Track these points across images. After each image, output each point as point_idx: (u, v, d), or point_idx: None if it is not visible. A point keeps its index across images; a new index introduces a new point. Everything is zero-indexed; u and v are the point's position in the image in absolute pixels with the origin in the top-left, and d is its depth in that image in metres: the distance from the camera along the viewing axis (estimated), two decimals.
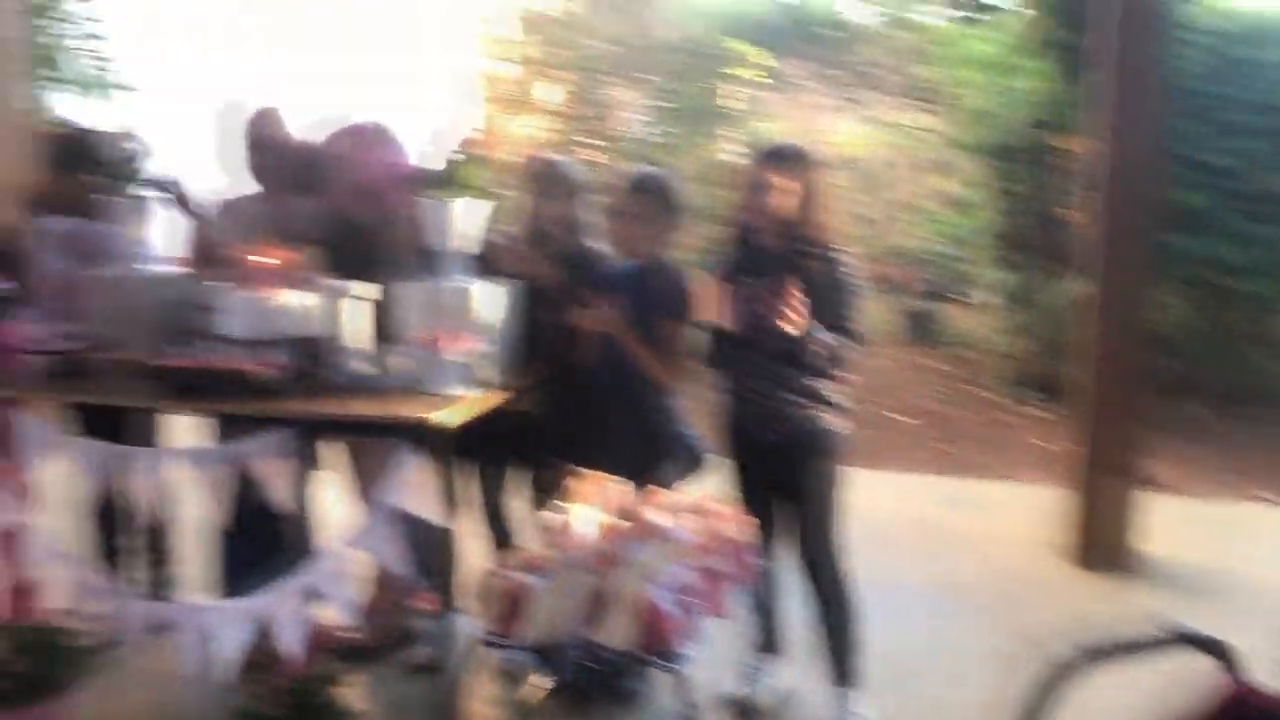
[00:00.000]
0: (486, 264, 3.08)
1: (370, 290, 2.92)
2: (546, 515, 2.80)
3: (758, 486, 3.10)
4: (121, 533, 3.54)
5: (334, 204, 3.31)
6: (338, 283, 2.90)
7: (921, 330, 8.73)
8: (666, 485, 2.97)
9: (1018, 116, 6.75)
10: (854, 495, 3.11)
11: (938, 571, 4.35)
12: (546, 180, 3.30)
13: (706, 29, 7.57)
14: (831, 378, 3.00)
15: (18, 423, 2.88)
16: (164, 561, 3.69)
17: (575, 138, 7.44)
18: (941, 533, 4.86)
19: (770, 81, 7.79)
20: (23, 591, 3.19)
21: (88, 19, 6.08)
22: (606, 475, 2.82)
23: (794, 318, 2.78)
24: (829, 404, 3.01)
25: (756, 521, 2.90)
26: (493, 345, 2.96)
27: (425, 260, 3.00)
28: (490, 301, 2.97)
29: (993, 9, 7.84)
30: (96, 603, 2.97)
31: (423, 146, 3.18)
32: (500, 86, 7.64)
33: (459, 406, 2.72)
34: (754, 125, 7.76)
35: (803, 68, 8.25)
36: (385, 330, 2.93)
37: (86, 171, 3.25)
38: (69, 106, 5.98)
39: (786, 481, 3.05)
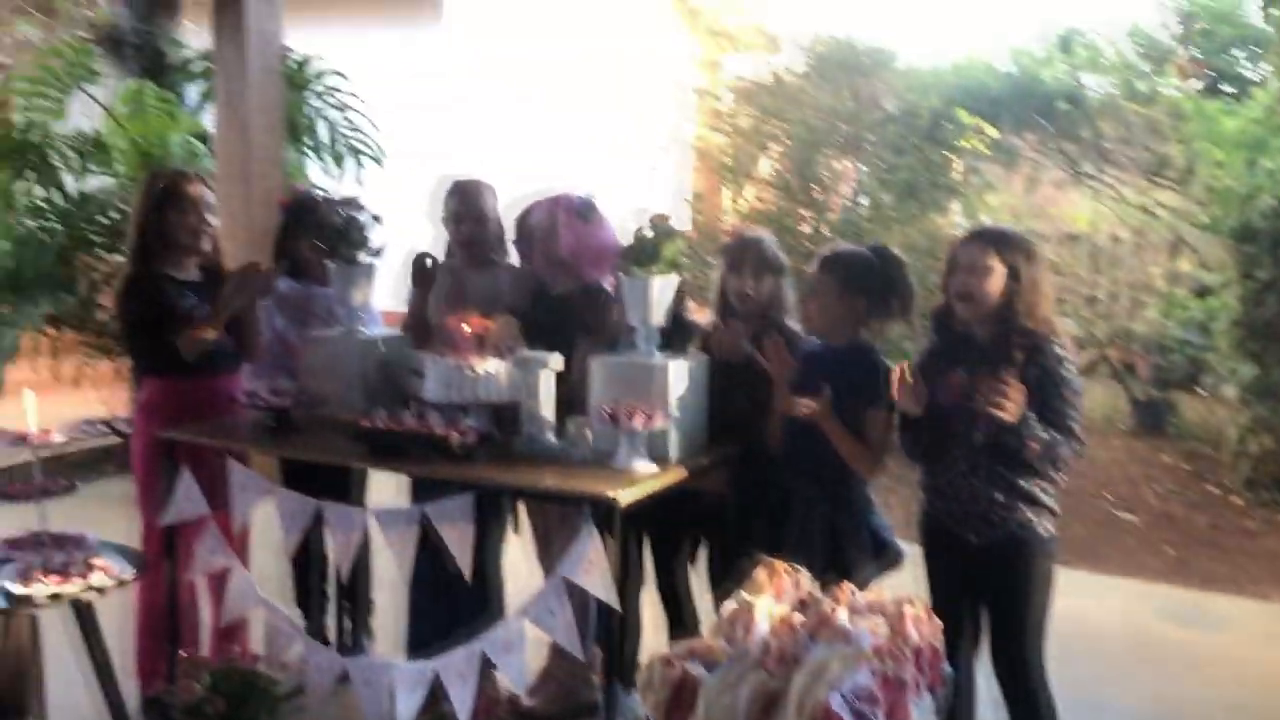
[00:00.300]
0: (678, 339, 3.06)
1: (561, 361, 2.95)
2: (724, 602, 2.72)
3: (954, 588, 2.91)
4: (320, 583, 3.69)
5: (532, 274, 3.38)
6: (531, 352, 2.94)
7: (1152, 420, 8.13)
8: (854, 580, 2.83)
9: (1265, 197, 6.25)
10: (1066, 599, 2.87)
11: (1156, 694, 3.96)
12: (745, 256, 3.25)
13: (929, 99, 7.40)
14: (1044, 477, 2.80)
15: (230, 472, 3.06)
16: (359, 614, 3.81)
17: (788, 210, 7.39)
18: (1164, 649, 4.44)
19: (996, 154, 7.54)
20: (227, 633, 3.36)
21: (342, 91, 6.50)
22: (790, 565, 2.72)
23: (1004, 410, 2.62)
24: (1040, 506, 2.81)
25: (950, 626, 2.72)
26: (679, 421, 2.93)
27: (617, 333, 3.01)
28: (679, 377, 2.94)
29: (1240, 81, 7.32)
30: (290, 649, 3.10)
31: (623, 220, 3.21)
32: (711, 157, 7.71)
33: (641, 482, 2.70)
34: (977, 200, 7.51)
35: (1031, 140, 7.95)
36: (574, 401, 2.95)
37: (314, 236, 3.45)
38: (320, 174, 6.39)
39: (987, 585, 2.86)
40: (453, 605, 3.30)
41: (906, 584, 2.90)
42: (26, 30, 6.32)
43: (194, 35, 6.34)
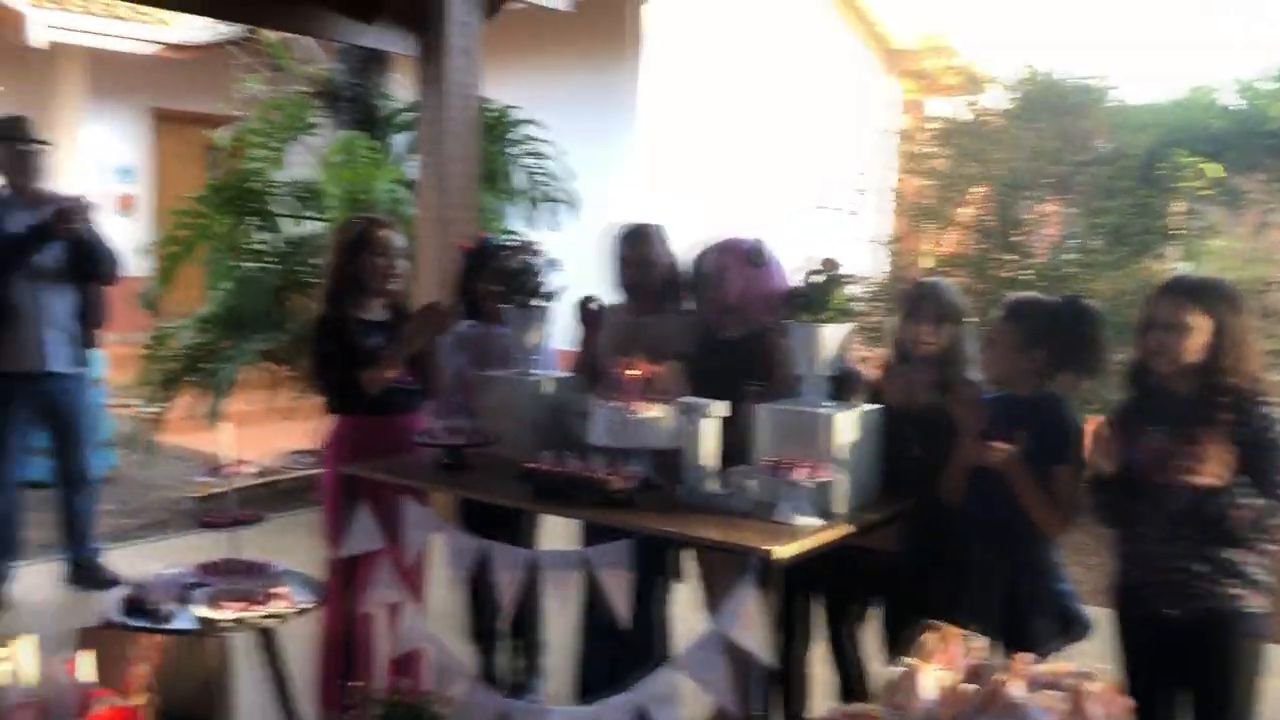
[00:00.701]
0: (849, 388, 2.95)
1: (727, 408, 2.89)
2: (890, 666, 2.57)
3: (1147, 665, 2.66)
4: (492, 620, 3.73)
5: (700, 320, 3.35)
6: (697, 399, 2.90)
7: None
8: (1034, 650, 2.63)
9: None
10: (1277, 683, 2.58)
11: None
12: (924, 303, 3.12)
13: (1143, 138, 6.97)
14: (1252, 548, 2.54)
15: (405, 508, 3.14)
16: (529, 653, 3.84)
17: (988, 254, 7.09)
18: None
19: (1219, 195, 7.02)
20: (401, 666, 3.44)
21: (537, 139, 6.71)
22: (964, 630, 2.55)
23: (1204, 475, 2.39)
24: (1249, 579, 2.54)
25: (1137, 706, 2.48)
26: (847, 474, 2.81)
27: (785, 381, 2.93)
28: (848, 427, 2.83)
29: None
30: (456, 685, 3.14)
31: (797, 265, 3.13)
32: (909, 200, 7.51)
33: (803, 537, 2.60)
34: (1198, 244, 7.01)
35: (1260, 181, 7.35)
36: (739, 450, 2.88)
37: (492, 279, 3.53)
38: (518, 220, 6.59)
39: (1185, 665, 2.60)
40: (617, 651, 3.28)
41: (1093, 657, 2.68)
42: (255, 86, 6.81)
43: (402, 89, 6.69)
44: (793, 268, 3.14)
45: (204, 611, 2.90)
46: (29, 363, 4.57)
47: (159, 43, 10.29)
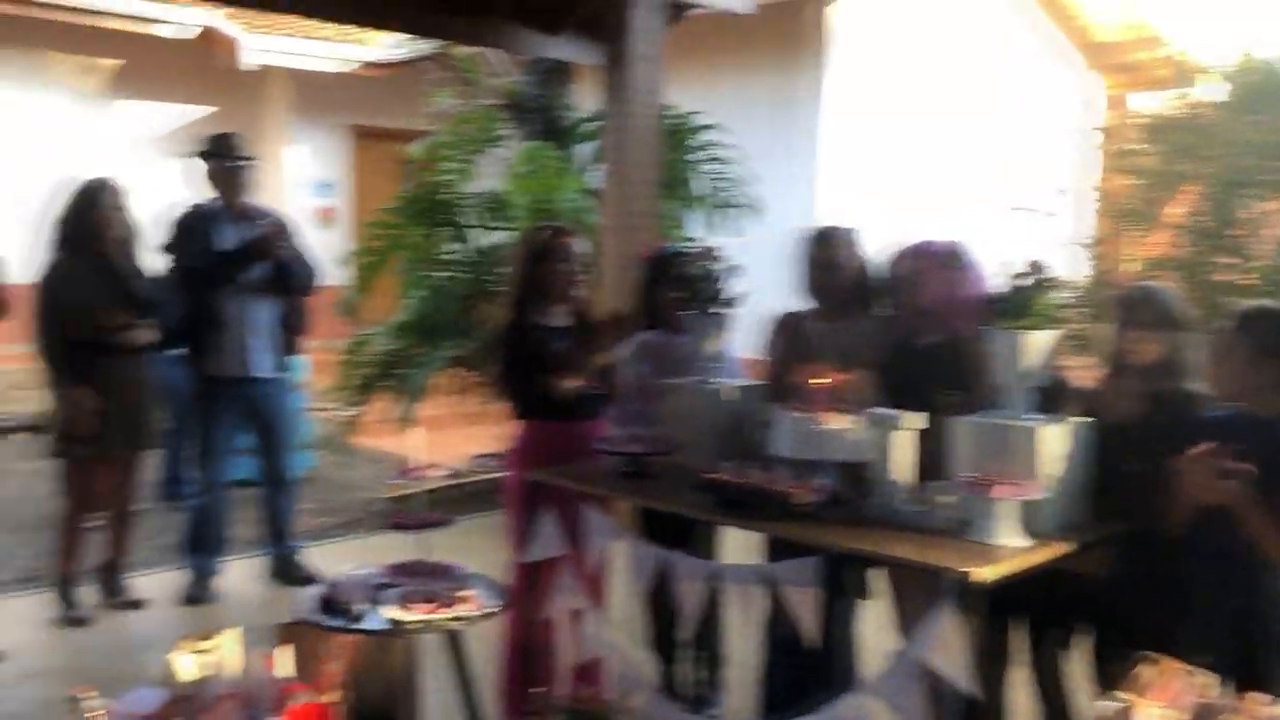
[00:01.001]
0: (1056, 400, 2.76)
1: (921, 420, 2.74)
2: (1100, 699, 2.38)
3: None
4: (673, 630, 3.68)
5: (894, 326, 3.21)
6: (888, 410, 2.76)
7: None
8: (1269, 690, 2.38)
9: None
10: None
11: None
12: (1142, 309, 2.88)
13: None
14: None
15: (587, 516, 3.12)
16: (709, 666, 3.76)
17: (1202, 257, 6.60)
18: None
19: None
20: (584, 673, 3.43)
21: (716, 144, 6.65)
22: (1186, 666, 2.33)
23: None
24: None
25: None
26: (1056, 492, 2.62)
27: (985, 392, 2.76)
28: (1055, 442, 2.63)
29: None
30: (636, 694, 3.10)
31: (999, 269, 2.95)
32: (1114, 200, 7.08)
33: (1007, 559, 2.43)
34: None
35: None
36: (934, 465, 2.73)
37: (672, 286, 3.48)
38: (699, 227, 6.56)
39: None
40: (801, 669, 3.18)
41: None
42: (446, 101, 7.01)
43: (586, 98, 6.76)
44: (991, 271, 2.97)
45: (394, 612, 2.96)
46: (235, 368, 4.82)
47: (357, 62, 10.78)
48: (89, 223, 4.46)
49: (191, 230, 4.79)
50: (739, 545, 3.49)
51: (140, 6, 9.65)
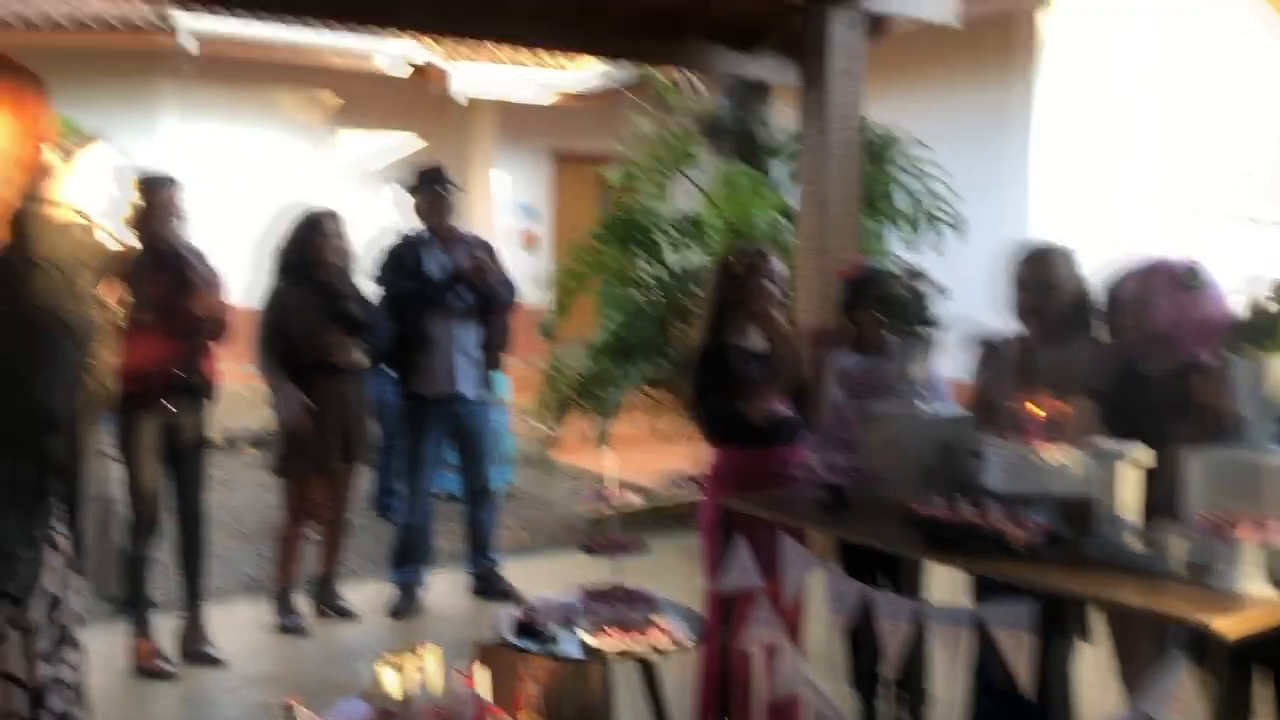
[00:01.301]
0: None
1: (1150, 453, 2.53)
2: None
3: None
4: (873, 666, 3.54)
5: (1118, 352, 2.97)
6: (1112, 442, 2.56)
7: None
8: None
9: None
10: None
11: None
12: None
13: None
14: None
15: (783, 545, 3.03)
16: (913, 705, 3.60)
17: None
18: None
19: None
20: (779, 709, 3.33)
21: (921, 159, 6.45)
22: None
23: None
24: None
25: None
26: None
27: (1224, 423, 2.52)
28: None
29: None
30: None
31: (1239, 288, 2.70)
32: None
33: (1253, 609, 2.20)
34: None
35: None
36: (1164, 503, 2.50)
37: (874, 308, 3.36)
38: (900, 244, 6.37)
39: None
40: (1012, 715, 2.98)
41: None
42: (644, 125, 7.08)
43: (783, 117, 6.68)
44: (1230, 291, 2.72)
45: (588, 638, 2.95)
46: (441, 387, 4.99)
47: (559, 90, 11.07)
48: (309, 250, 4.70)
49: (401, 257, 5.00)
50: (944, 580, 3.32)
51: (359, 43, 10.22)
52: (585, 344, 6.58)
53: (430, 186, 5.06)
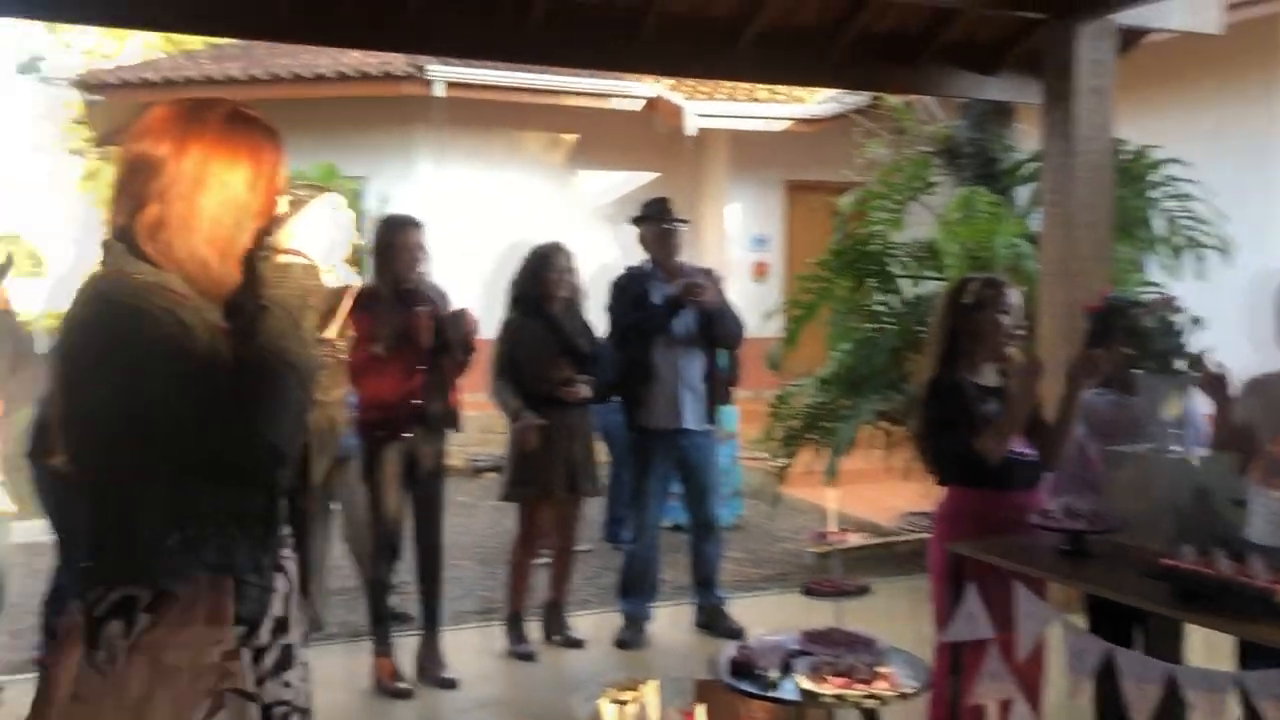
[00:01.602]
0: None
1: None
2: None
3: None
4: None
5: None
6: None
7: None
8: None
9: None
10: None
11: None
12: None
13: None
14: None
15: (1019, 595, 2.84)
16: None
17: None
18: None
19: None
20: None
21: (1177, 179, 6.01)
22: None
23: None
24: None
25: None
26: None
27: None
28: None
29: None
30: None
31: None
32: None
33: None
34: None
35: None
36: None
37: (1123, 342, 3.11)
38: (1152, 272, 5.95)
39: None
40: None
41: None
42: (877, 151, 6.92)
43: (1026, 138, 6.37)
44: None
45: (806, 683, 2.86)
46: (667, 420, 5.00)
47: (791, 119, 11.01)
48: (541, 283, 4.85)
49: (626, 290, 5.06)
50: (1203, 641, 3.02)
51: (597, 84, 10.55)
52: (814, 376, 6.46)
53: (656, 220, 5.11)
